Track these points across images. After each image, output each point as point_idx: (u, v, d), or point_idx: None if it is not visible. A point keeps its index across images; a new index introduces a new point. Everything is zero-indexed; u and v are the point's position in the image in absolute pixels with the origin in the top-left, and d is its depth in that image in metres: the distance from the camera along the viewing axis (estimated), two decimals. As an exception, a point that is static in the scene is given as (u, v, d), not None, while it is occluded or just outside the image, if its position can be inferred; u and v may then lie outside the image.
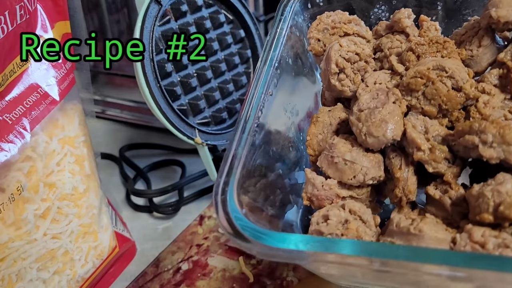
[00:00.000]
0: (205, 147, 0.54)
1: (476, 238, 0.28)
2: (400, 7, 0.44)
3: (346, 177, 0.34)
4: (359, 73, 0.38)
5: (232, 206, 0.29)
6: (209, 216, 0.57)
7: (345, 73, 0.38)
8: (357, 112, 0.35)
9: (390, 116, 0.33)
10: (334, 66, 0.37)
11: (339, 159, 0.34)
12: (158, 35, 0.52)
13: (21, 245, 0.38)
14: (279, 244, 0.27)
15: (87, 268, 0.44)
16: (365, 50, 0.39)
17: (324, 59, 0.38)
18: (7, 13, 0.36)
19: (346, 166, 0.34)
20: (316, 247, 0.27)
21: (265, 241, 0.27)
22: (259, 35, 0.61)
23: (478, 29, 0.40)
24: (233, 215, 0.29)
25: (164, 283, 0.48)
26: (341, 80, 0.38)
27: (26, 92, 0.39)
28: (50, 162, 0.40)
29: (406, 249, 0.27)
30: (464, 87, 0.34)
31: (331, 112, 0.39)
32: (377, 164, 0.35)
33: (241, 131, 0.34)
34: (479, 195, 0.30)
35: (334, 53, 0.37)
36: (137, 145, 0.71)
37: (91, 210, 0.44)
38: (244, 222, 0.29)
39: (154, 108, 0.50)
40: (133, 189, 0.59)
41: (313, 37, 0.41)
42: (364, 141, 0.34)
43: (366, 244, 0.29)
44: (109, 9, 0.69)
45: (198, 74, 0.56)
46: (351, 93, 0.38)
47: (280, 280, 0.47)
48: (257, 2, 0.83)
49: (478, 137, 0.31)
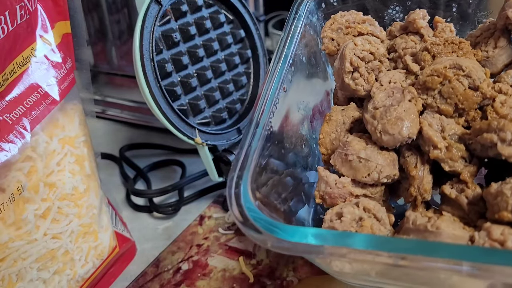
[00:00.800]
0: (205, 147, 0.54)
1: (495, 236, 0.28)
2: (414, 8, 0.44)
3: (360, 175, 0.34)
4: (373, 72, 0.38)
5: (245, 198, 0.29)
6: (209, 216, 0.57)
7: (359, 72, 0.37)
8: (372, 109, 0.34)
9: (406, 114, 0.33)
10: (348, 64, 0.37)
11: (353, 156, 0.34)
12: (158, 35, 0.52)
13: (21, 245, 0.38)
14: (291, 237, 0.27)
15: (87, 268, 0.44)
16: (380, 50, 0.38)
17: (338, 58, 0.38)
18: (7, 13, 0.36)
19: (361, 164, 0.33)
20: (330, 241, 0.26)
21: (277, 234, 0.27)
22: (259, 35, 0.61)
23: (493, 30, 0.40)
24: (246, 207, 0.29)
25: (164, 283, 0.48)
26: (355, 79, 0.37)
27: (26, 92, 0.39)
28: (50, 162, 0.40)
29: (423, 243, 0.27)
30: (481, 86, 0.34)
31: (344, 111, 0.38)
32: (392, 162, 0.34)
33: (255, 125, 0.34)
34: (497, 193, 0.29)
35: (349, 52, 0.37)
36: (137, 145, 0.71)
37: (91, 210, 0.44)
38: (257, 213, 0.28)
39: (154, 108, 0.50)
40: (133, 189, 0.59)
41: (327, 36, 0.41)
42: (379, 138, 0.34)
43: (382, 238, 0.28)
44: (109, 9, 0.69)
45: (198, 74, 0.56)
46: (364, 92, 0.38)
47: (280, 280, 0.47)
48: (257, 2, 0.83)
49: (497, 135, 0.30)
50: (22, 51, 0.39)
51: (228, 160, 0.53)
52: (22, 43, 0.39)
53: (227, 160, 0.53)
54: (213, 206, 0.59)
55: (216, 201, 0.59)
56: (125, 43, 0.72)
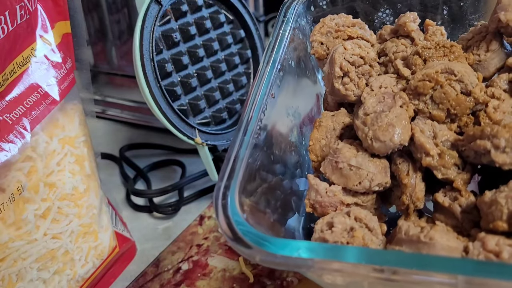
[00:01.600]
0: (205, 147, 0.54)
1: (490, 247, 0.27)
2: (405, 11, 0.43)
3: (351, 183, 0.33)
4: (363, 77, 0.38)
5: (233, 210, 0.28)
6: (209, 216, 0.57)
7: (349, 77, 0.37)
8: (362, 116, 0.34)
9: (397, 120, 0.32)
10: (338, 69, 0.36)
11: (344, 164, 0.33)
12: (158, 35, 0.52)
13: (21, 245, 0.38)
14: (281, 251, 0.26)
15: (87, 268, 0.44)
16: (370, 54, 0.38)
17: (327, 62, 0.38)
18: (7, 13, 0.36)
19: (352, 171, 0.33)
20: (321, 255, 0.26)
21: (267, 247, 0.26)
22: (259, 35, 0.61)
23: (485, 33, 0.39)
24: (234, 220, 0.28)
25: (164, 283, 0.48)
26: (345, 84, 0.37)
27: (26, 92, 0.39)
28: (50, 162, 0.40)
29: (417, 257, 0.26)
30: (473, 91, 0.33)
31: (335, 116, 0.38)
32: (383, 170, 0.33)
33: (243, 133, 0.33)
34: (492, 202, 0.29)
35: (339, 56, 0.36)
36: (137, 145, 0.71)
37: (91, 210, 0.44)
38: (246, 227, 0.27)
39: (154, 108, 0.50)
40: (133, 189, 0.59)
41: (316, 40, 0.41)
42: (370, 146, 0.33)
43: (375, 251, 0.27)
44: (109, 9, 0.69)
45: (198, 74, 0.56)
46: (355, 97, 0.37)
47: (280, 280, 0.47)
48: (257, 2, 0.83)
49: (490, 142, 0.29)
50: (22, 51, 0.39)
51: (228, 160, 0.53)
52: (22, 43, 0.39)
53: (227, 160, 0.53)
54: (214, 209, 0.58)
55: (216, 201, 0.59)
56: (125, 43, 0.72)
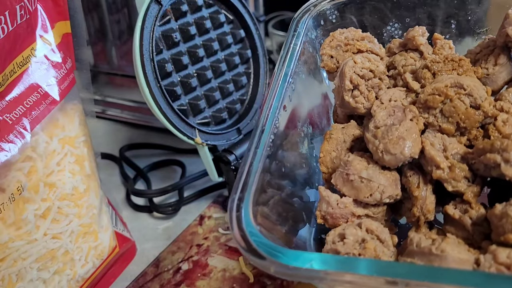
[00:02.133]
0: (205, 147, 0.54)
1: (501, 260, 0.27)
2: (413, 25, 0.43)
3: (362, 195, 0.33)
4: (373, 90, 0.38)
5: (247, 222, 0.29)
6: (209, 216, 0.57)
7: (359, 90, 0.37)
8: (373, 129, 0.34)
9: (408, 133, 0.33)
10: (348, 82, 0.37)
11: (355, 176, 0.33)
12: (158, 35, 0.52)
13: (22, 245, 0.38)
14: (294, 262, 0.26)
15: (87, 268, 0.44)
16: (379, 67, 0.38)
17: (338, 76, 0.38)
18: (7, 13, 0.36)
19: (363, 184, 0.33)
20: (334, 266, 0.26)
21: (280, 258, 0.26)
22: (259, 35, 0.61)
23: (493, 47, 0.39)
24: (248, 231, 0.28)
25: (164, 283, 0.48)
26: (355, 97, 0.37)
27: (26, 92, 0.39)
28: (50, 162, 0.40)
29: (429, 270, 0.26)
30: (482, 105, 0.34)
31: (345, 129, 0.38)
32: (394, 182, 0.34)
33: (255, 146, 0.33)
34: (502, 215, 0.29)
35: (349, 70, 0.37)
36: (137, 145, 0.71)
37: (91, 210, 0.44)
38: (260, 238, 0.28)
39: (154, 108, 0.50)
40: (133, 189, 0.59)
41: (326, 54, 0.41)
42: (381, 158, 0.33)
43: (387, 264, 0.28)
44: (109, 9, 0.69)
45: (198, 74, 0.56)
46: (365, 110, 0.38)
47: (280, 280, 0.47)
48: (257, 2, 0.83)
49: (500, 156, 0.30)
50: (22, 51, 0.39)
51: (228, 160, 0.53)
52: (22, 43, 0.39)
53: (227, 160, 0.53)
54: (213, 206, 0.59)
55: (216, 201, 0.59)
56: (125, 43, 0.72)
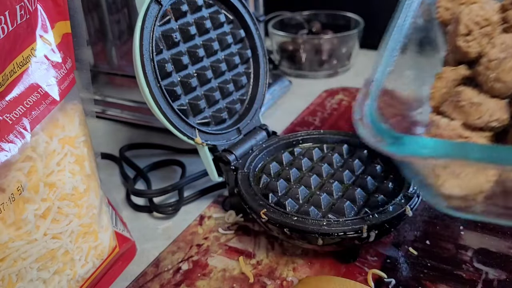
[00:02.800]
0: (205, 147, 0.54)
1: None
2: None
3: (471, 118, 0.35)
4: (486, 37, 0.39)
5: (372, 117, 0.33)
6: (209, 216, 0.57)
7: (473, 35, 0.39)
8: (486, 61, 0.36)
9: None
10: (463, 27, 0.38)
11: (465, 102, 0.35)
12: (158, 35, 0.52)
13: (21, 245, 0.38)
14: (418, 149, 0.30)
15: (87, 268, 0.44)
16: (494, 17, 0.39)
17: (452, 22, 0.40)
18: (7, 13, 0.36)
19: (472, 108, 0.35)
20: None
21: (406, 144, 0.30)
22: (259, 35, 0.61)
23: None
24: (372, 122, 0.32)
25: (164, 283, 0.48)
26: (468, 41, 0.39)
27: (26, 92, 0.39)
28: (50, 162, 0.40)
29: None
30: None
31: (455, 70, 0.40)
32: (503, 107, 0.36)
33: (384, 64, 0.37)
34: None
35: (464, 16, 0.38)
36: (137, 145, 0.71)
37: (91, 210, 0.44)
38: (390, 131, 0.31)
39: (154, 108, 0.50)
40: (133, 189, 0.59)
41: (442, 6, 0.43)
42: (491, 88, 0.35)
43: (503, 148, 0.28)
44: (109, 9, 0.69)
45: (198, 74, 0.56)
46: (475, 54, 0.39)
47: (280, 280, 0.47)
48: (257, 2, 0.83)
49: None
50: (22, 51, 0.39)
51: (228, 160, 0.53)
52: (22, 43, 0.39)
53: (227, 160, 0.53)
54: (213, 206, 0.59)
55: (216, 201, 0.59)
56: (125, 43, 0.72)
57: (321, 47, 0.92)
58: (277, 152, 0.57)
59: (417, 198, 0.47)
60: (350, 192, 0.49)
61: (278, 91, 0.85)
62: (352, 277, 0.46)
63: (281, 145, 0.58)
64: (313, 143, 0.59)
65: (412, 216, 0.46)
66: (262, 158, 0.56)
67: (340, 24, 1.00)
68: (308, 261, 0.49)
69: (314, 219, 0.45)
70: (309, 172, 0.53)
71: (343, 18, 1.00)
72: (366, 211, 0.47)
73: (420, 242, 0.50)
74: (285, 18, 1.02)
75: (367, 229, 0.44)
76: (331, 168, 0.54)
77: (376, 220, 0.44)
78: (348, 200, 0.48)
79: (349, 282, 0.42)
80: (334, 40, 0.92)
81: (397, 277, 0.46)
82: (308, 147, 0.58)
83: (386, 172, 0.53)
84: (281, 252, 0.50)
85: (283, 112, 0.81)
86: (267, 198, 0.49)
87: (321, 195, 0.48)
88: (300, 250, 0.50)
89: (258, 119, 0.60)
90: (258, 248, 0.51)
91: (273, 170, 0.54)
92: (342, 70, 0.95)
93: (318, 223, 0.44)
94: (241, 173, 0.52)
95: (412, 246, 0.50)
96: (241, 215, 0.56)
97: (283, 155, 0.56)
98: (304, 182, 0.51)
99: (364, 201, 0.49)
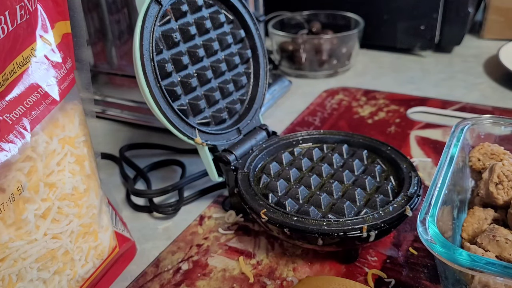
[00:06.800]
0: (205, 147, 0.54)
1: None
2: None
3: (506, 252, 0.39)
4: None
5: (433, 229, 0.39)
6: (209, 216, 0.57)
7: (503, 185, 0.45)
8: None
9: None
10: (495, 176, 0.44)
11: (501, 238, 0.40)
12: (158, 35, 0.52)
13: (21, 245, 0.38)
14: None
15: (87, 268, 0.44)
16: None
17: (487, 171, 0.46)
18: (7, 13, 0.36)
19: (507, 244, 0.39)
20: None
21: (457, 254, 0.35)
22: (259, 35, 0.61)
23: None
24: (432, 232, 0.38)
25: (164, 283, 0.48)
26: (498, 189, 0.45)
27: (26, 92, 0.39)
28: (50, 162, 0.40)
29: None
30: None
31: (485, 210, 0.45)
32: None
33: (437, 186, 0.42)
34: None
35: (498, 168, 0.45)
36: (137, 145, 0.71)
37: (91, 210, 0.44)
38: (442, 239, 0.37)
39: (154, 108, 0.50)
40: (133, 189, 0.59)
41: (474, 156, 0.50)
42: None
43: None
44: (109, 9, 0.69)
45: (198, 74, 0.56)
46: (502, 202, 0.44)
47: (280, 280, 0.47)
48: (257, 2, 0.83)
49: None
50: (22, 51, 0.39)
51: (228, 160, 0.53)
52: (22, 43, 0.39)
53: (227, 160, 0.53)
54: (213, 206, 0.59)
55: (216, 201, 0.59)
56: (125, 43, 0.72)
57: (321, 47, 0.92)
58: (277, 152, 0.57)
59: (417, 198, 0.47)
60: (350, 192, 0.49)
61: (278, 91, 0.85)
62: (352, 277, 0.46)
63: (281, 145, 0.58)
64: (313, 143, 0.59)
65: (412, 216, 0.46)
66: (262, 158, 0.56)
67: (340, 24, 1.00)
68: (308, 261, 0.49)
69: (314, 219, 0.45)
70: (309, 172, 0.53)
71: (343, 18, 1.00)
72: (366, 211, 0.47)
73: (420, 242, 0.50)
74: (285, 18, 1.02)
75: (367, 229, 0.44)
76: (331, 168, 0.54)
77: (376, 220, 0.44)
78: (348, 200, 0.48)
79: (349, 282, 0.42)
80: (334, 40, 0.92)
81: (397, 277, 0.46)
82: (308, 147, 0.58)
83: (386, 172, 0.53)
84: (281, 252, 0.50)
85: (283, 112, 0.81)
86: (267, 198, 0.49)
87: (321, 195, 0.48)
88: (300, 250, 0.50)
89: (258, 119, 0.60)
90: (258, 248, 0.51)
91: (273, 170, 0.54)
92: (342, 70, 0.96)
93: (318, 223, 0.44)
94: (241, 173, 0.52)
95: (412, 246, 0.50)
96: (241, 215, 0.56)
97: (283, 155, 0.56)
98: (304, 182, 0.52)
99: (364, 201, 0.49)
